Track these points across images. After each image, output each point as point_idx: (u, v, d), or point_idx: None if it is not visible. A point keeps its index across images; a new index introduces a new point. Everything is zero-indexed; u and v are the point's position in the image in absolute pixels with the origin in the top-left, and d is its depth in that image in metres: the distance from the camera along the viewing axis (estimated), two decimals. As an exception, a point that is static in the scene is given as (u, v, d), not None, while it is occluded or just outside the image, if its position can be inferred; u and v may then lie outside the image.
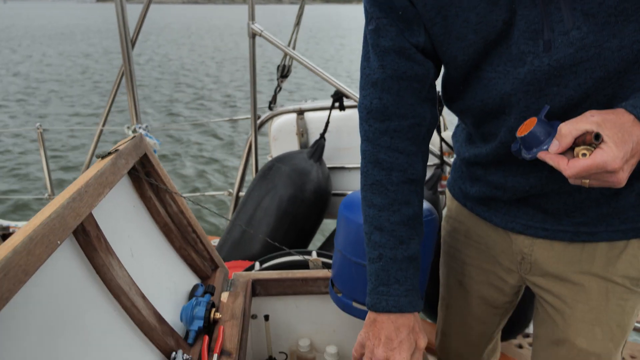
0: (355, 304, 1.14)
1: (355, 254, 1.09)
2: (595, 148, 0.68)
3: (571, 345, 0.94)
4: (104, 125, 2.53)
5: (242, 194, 2.52)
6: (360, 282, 1.08)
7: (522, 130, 0.76)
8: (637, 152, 0.68)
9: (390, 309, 0.86)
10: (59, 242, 0.74)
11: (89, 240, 0.87)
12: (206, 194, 3.14)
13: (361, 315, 1.12)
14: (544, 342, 1.01)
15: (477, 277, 1.10)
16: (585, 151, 0.69)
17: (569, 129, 0.70)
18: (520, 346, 2.18)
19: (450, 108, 0.98)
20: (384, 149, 0.87)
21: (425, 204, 1.13)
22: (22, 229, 0.71)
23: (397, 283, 0.87)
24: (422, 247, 1.09)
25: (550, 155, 0.72)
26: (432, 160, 2.18)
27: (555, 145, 0.71)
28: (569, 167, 0.69)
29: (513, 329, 1.99)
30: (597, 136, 0.68)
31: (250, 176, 2.47)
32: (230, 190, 2.64)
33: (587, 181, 0.71)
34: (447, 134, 2.15)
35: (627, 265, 0.88)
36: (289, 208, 2.05)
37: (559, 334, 0.95)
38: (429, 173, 2.19)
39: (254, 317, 1.41)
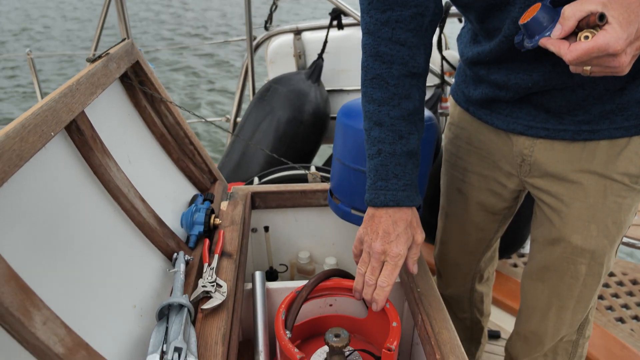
0: (354, 211, 1.15)
1: (353, 160, 1.09)
2: (599, 31, 0.66)
3: (566, 244, 0.95)
4: (95, 49, 2.46)
5: (240, 119, 2.49)
6: (358, 189, 1.08)
7: (525, 17, 0.73)
8: None
9: (388, 203, 0.87)
10: (52, 133, 0.73)
11: (84, 139, 0.86)
12: (203, 120, 3.10)
13: (360, 222, 1.13)
14: (540, 244, 1.02)
15: (477, 184, 1.10)
16: (587, 34, 0.67)
17: (572, 11, 0.66)
18: (515, 265, 2.23)
19: (454, 3, 0.94)
20: (384, 41, 0.84)
21: (426, 112, 1.11)
22: (15, 120, 0.70)
23: (395, 178, 0.87)
24: (423, 152, 1.09)
25: (552, 40, 0.69)
26: (433, 81, 2.14)
27: (558, 30, 0.68)
28: (569, 51, 0.66)
29: (508, 248, 2.03)
30: (602, 17, 0.65)
31: (248, 101, 2.43)
32: (228, 116, 2.61)
33: (589, 68, 0.68)
34: (449, 53, 2.09)
35: (628, 162, 0.88)
36: (288, 130, 2.03)
37: (555, 233, 0.96)
38: (429, 93, 2.15)
39: (254, 230, 1.43)
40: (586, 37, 0.66)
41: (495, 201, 1.10)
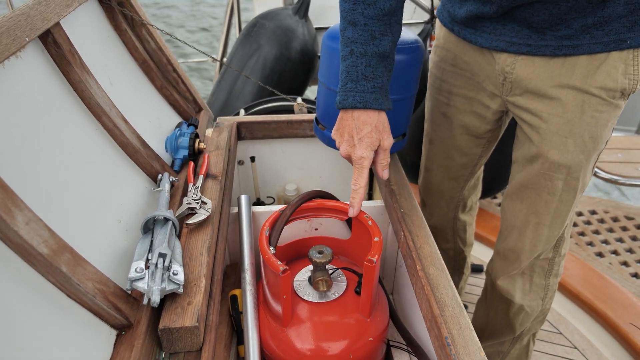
0: (339, 137, 1.15)
1: (338, 84, 1.08)
2: None
3: (544, 159, 0.96)
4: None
5: (226, 60, 2.45)
6: (344, 114, 1.07)
7: None
8: None
9: (355, 105, 0.87)
10: (26, 38, 0.71)
11: (62, 53, 0.84)
12: (189, 61, 3.05)
13: (345, 148, 1.13)
14: (519, 164, 1.04)
15: (461, 107, 1.11)
16: None
17: None
18: (500, 205, 2.27)
19: None
20: None
21: (412, 35, 1.10)
22: None
23: (365, 79, 0.87)
24: (408, 75, 1.08)
25: None
26: (422, 17, 2.10)
27: None
28: None
29: (493, 187, 2.06)
30: None
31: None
32: (214, 56, 2.56)
33: None
34: (439, -13, 2.03)
35: (605, 76, 0.88)
36: (275, 67, 2.00)
37: (533, 150, 0.97)
38: (418, 29, 2.11)
39: (241, 162, 1.43)
40: None
41: (479, 124, 1.11)
